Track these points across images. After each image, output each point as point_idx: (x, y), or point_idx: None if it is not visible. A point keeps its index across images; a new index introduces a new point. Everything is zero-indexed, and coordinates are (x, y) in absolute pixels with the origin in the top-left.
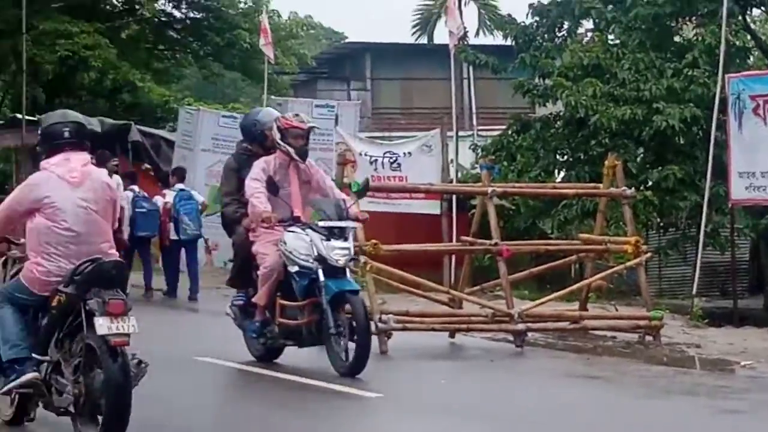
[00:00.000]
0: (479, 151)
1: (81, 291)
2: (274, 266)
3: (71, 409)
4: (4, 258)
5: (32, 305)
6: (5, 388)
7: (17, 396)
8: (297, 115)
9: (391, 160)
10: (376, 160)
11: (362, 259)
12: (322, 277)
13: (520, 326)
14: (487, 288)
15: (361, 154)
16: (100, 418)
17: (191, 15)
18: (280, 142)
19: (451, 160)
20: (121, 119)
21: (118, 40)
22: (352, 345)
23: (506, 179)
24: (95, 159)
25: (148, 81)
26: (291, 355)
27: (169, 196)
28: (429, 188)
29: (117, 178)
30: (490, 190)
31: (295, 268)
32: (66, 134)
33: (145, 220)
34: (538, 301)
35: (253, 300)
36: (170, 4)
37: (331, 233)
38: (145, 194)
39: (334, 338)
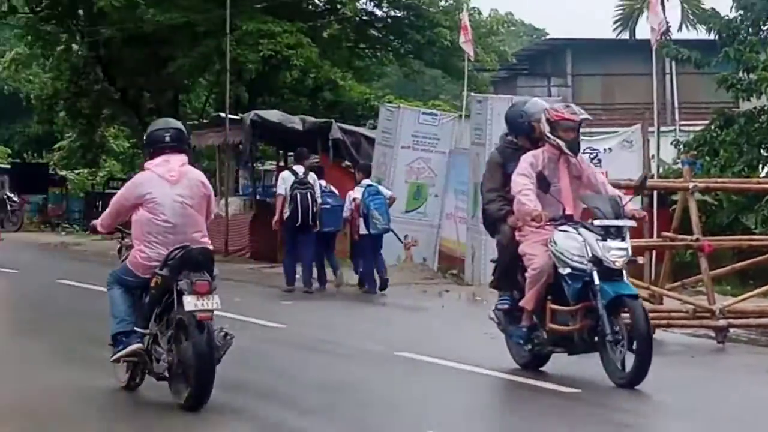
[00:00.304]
0: (681, 146)
1: (174, 273)
2: (544, 268)
3: (166, 374)
4: (119, 246)
5: (137, 286)
6: (115, 356)
7: (127, 364)
8: (568, 106)
9: (592, 156)
10: None
11: None
12: (597, 280)
13: (722, 322)
14: (688, 284)
15: None
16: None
17: (392, 13)
18: (549, 135)
19: (653, 156)
20: (323, 117)
21: (319, 39)
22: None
23: (708, 174)
24: (294, 156)
25: (349, 79)
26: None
27: (357, 192)
28: (629, 184)
29: (313, 175)
30: (691, 185)
31: (567, 270)
32: (167, 139)
33: (329, 215)
34: (740, 297)
35: (521, 304)
36: (371, 3)
37: (607, 232)
38: (332, 189)
39: (610, 346)
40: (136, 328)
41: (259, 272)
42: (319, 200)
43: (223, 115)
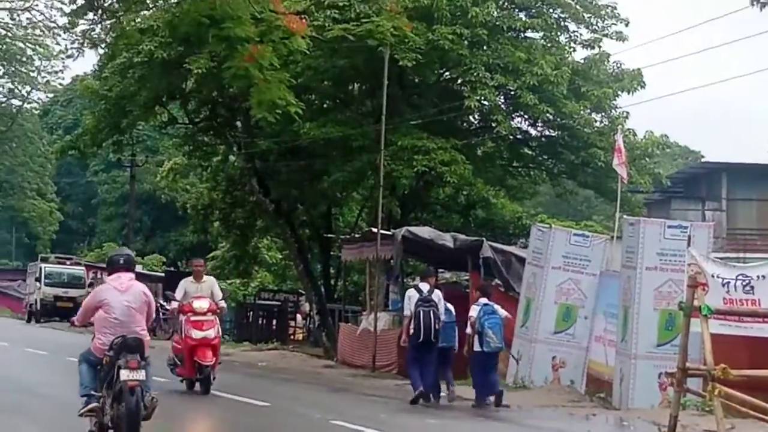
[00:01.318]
0: None
1: (116, 354)
2: None
3: (110, 424)
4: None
5: (96, 363)
6: (80, 412)
7: (89, 417)
8: None
9: (744, 283)
10: (728, 283)
11: (711, 383)
12: None
13: None
14: None
15: (712, 276)
16: None
17: (546, 133)
18: None
19: None
20: (474, 235)
21: (473, 156)
22: None
23: None
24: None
25: (502, 197)
26: None
27: (474, 310)
28: None
29: (437, 293)
30: None
31: None
32: (120, 261)
33: (444, 332)
34: None
35: None
36: (526, 122)
37: None
38: (448, 306)
39: None
40: (93, 392)
41: (404, 389)
42: (442, 317)
43: (375, 229)
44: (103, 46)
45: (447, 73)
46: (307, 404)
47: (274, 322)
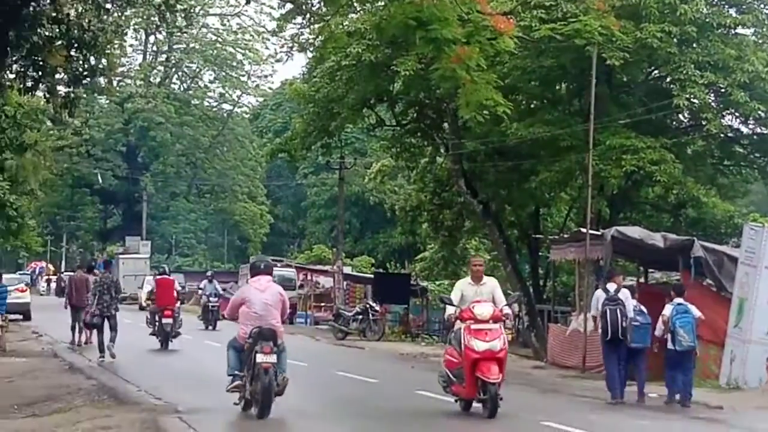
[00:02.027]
0: None
1: (254, 341)
2: None
3: (249, 398)
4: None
5: (240, 348)
6: (228, 388)
7: (237, 392)
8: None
9: None
10: None
11: None
12: None
13: None
14: None
15: None
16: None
17: (758, 131)
18: None
19: None
20: (684, 234)
21: (683, 155)
22: None
23: None
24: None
25: (713, 196)
26: None
27: (667, 309)
28: None
29: (625, 292)
30: None
31: None
32: (261, 266)
33: (638, 332)
34: None
35: None
36: (737, 120)
37: None
38: (642, 309)
39: None
40: (238, 372)
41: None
42: (629, 316)
43: (583, 230)
44: (311, 49)
45: (655, 72)
46: (516, 405)
47: None
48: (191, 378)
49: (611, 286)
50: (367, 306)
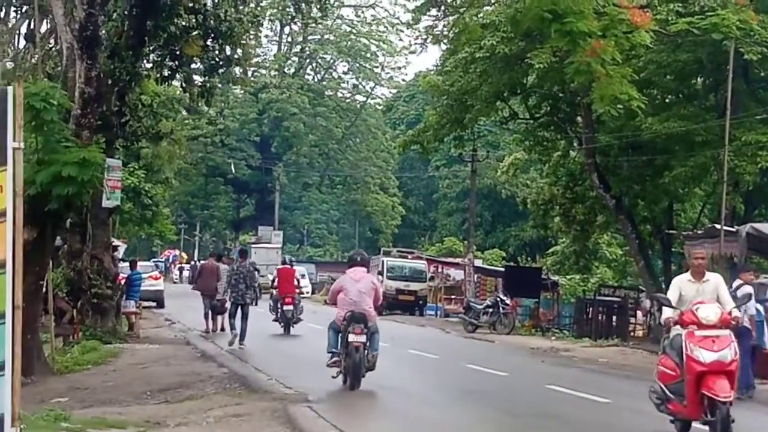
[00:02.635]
0: None
1: (348, 323)
2: None
3: (344, 372)
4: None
5: (338, 329)
6: (328, 363)
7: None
8: None
9: None
10: None
11: None
12: None
13: None
14: None
15: None
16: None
17: None
18: None
19: None
20: None
21: None
22: None
23: None
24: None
25: None
26: None
27: None
28: None
29: (744, 288)
30: None
31: None
32: (358, 259)
33: (760, 330)
34: None
35: None
36: None
37: None
38: (758, 307)
39: None
40: (335, 350)
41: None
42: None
43: (717, 226)
44: (445, 41)
45: None
46: (648, 402)
47: (614, 318)
48: (323, 367)
49: (736, 283)
50: (498, 299)
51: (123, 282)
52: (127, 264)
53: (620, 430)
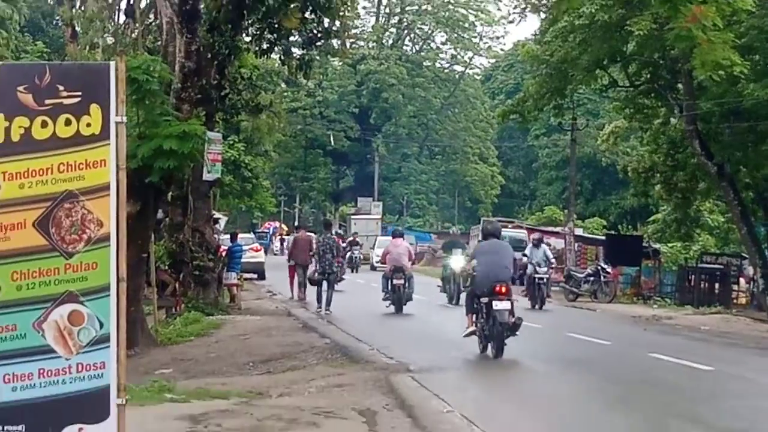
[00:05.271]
0: None
1: (392, 274)
2: None
3: (392, 302)
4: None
5: (388, 277)
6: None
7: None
8: None
9: None
10: None
11: None
12: None
13: None
14: None
15: None
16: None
17: None
18: None
19: None
20: None
21: None
22: None
23: None
24: None
25: None
26: None
27: None
28: None
29: None
30: None
31: None
32: (400, 232)
33: None
34: None
35: None
36: None
37: None
38: None
39: None
40: (386, 290)
41: None
42: None
43: None
44: (544, 10)
45: None
46: (752, 369)
47: (717, 285)
48: (424, 338)
49: None
50: (599, 267)
51: (224, 254)
52: (228, 236)
53: (725, 397)
